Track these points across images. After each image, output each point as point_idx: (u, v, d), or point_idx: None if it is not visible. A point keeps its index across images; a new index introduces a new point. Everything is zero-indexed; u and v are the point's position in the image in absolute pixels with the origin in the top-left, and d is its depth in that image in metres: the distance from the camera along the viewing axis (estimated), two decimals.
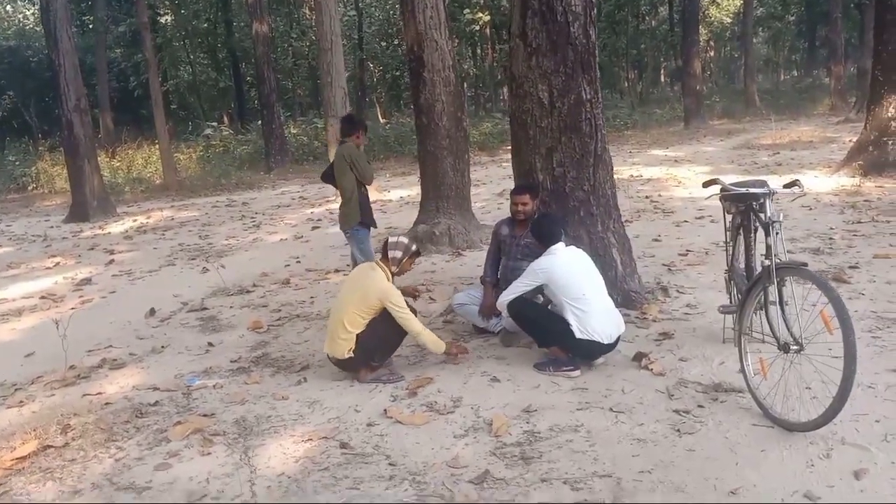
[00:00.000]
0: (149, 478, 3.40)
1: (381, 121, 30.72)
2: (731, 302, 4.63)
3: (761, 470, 3.08)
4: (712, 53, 50.19)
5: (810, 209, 8.72)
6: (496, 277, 5.36)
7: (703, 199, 10.07)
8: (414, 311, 4.43)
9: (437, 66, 8.20)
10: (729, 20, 46.26)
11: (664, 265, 6.68)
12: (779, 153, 15.07)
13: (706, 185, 4.17)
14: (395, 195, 13.95)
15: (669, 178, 12.86)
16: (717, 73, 51.29)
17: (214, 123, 27.60)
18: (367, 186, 6.10)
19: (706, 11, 40.76)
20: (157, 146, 20.20)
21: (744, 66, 32.33)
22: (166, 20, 32.21)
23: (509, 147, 19.27)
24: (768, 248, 3.55)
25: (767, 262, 3.51)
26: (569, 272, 4.16)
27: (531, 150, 5.38)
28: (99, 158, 17.27)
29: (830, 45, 28.68)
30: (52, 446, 3.76)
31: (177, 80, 34.99)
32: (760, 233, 4.16)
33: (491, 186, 13.69)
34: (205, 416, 4.05)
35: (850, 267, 6.06)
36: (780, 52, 52.44)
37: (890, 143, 10.74)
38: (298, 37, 33.81)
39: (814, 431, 3.29)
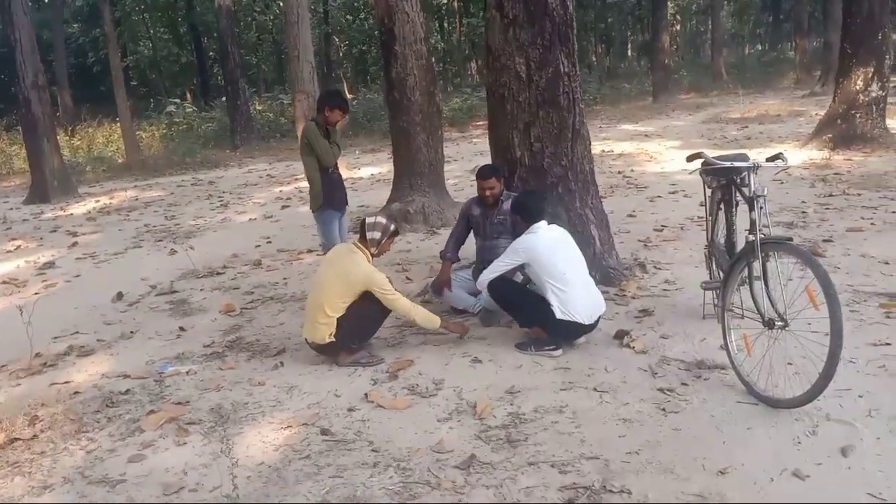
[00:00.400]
0: (122, 470, 3.28)
1: (349, 96, 30.31)
2: (710, 278, 4.61)
3: (748, 448, 3.07)
4: (678, 27, 50.31)
5: (781, 183, 8.77)
6: (456, 256, 5.32)
7: (676, 175, 10.17)
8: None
9: (408, 39, 8.02)
10: None
11: (640, 241, 6.66)
12: (748, 127, 15.16)
13: (690, 158, 4.11)
14: (366, 172, 13.77)
15: (641, 152, 12.86)
16: (684, 47, 51.44)
17: (177, 100, 26.90)
18: (335, 167, 5.77)
19: None
20: (118, 124, 19.68)
21: (711, 39, 32.44)
22: None
23: (480, 123, 19.12)
24: (752, 222, 3.51)
25: (752, 237, 3.47)
26: (551, 251, 4.08)
27: (508, 124, 5.28)
28: (58, 137, 16.78)
29: (795, 18, 28.94)
30: (19, 439, 3.62)
31: (137, 56, 34.16)
32: (741, 207, 4.15)
33: (462, 163, 13.57)
34: (179, 404, 3.93)
35: (825, 241, 6.10)
36: (745, 26, 52.77)
37: (858, 115, 10.85)
38: (262, 10, 33.08)
39: (799, 408, 3.29)
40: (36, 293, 6.73)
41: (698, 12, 49.69)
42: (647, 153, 12.70)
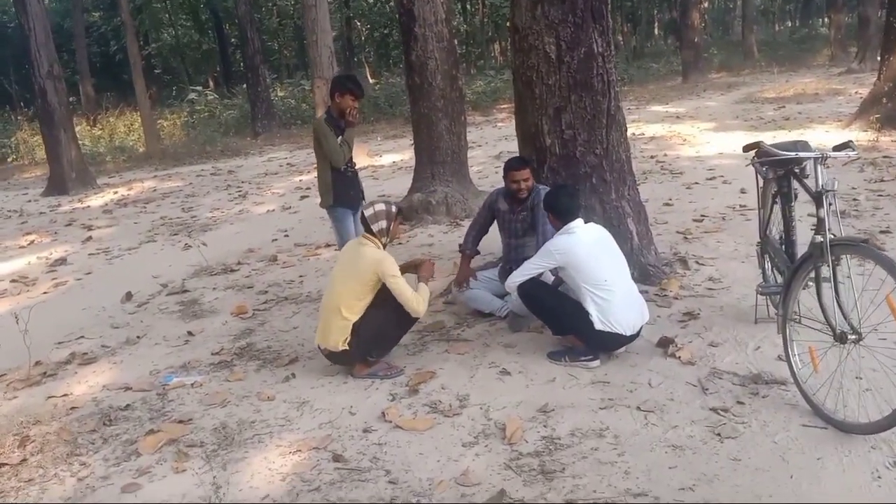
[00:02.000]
0: (115, 501, 2.96)
1: (371, 81, 29.89)
2: (764, 279, 4.17)
3: (820, 483, 2.66)
4: (706, 4, 49.02)
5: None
6: (476, 249, 4.97)
7: (712, 159, 9.67)
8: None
9: (429, 20, 7.60)
10: None
11: (679, 233, 6.20)
12: (784, 107, 14.50)
13: (747, 148, 3.68)
14: (388, 160, 13.38)
15: (673, 135, 12.32)
16: (712, 25, 50.17)
17: (199, 88, 26.72)
18: (350, 163, 5.24)
19: None
20: (139, 113, 19.49)
21: (743, 16, 31.44)
22: None
23: (504, 106, 18.60)
24: (820, 220, 3.08)
25: (820, 238, 3.04)
26: (589, 254, 3.66)
27: (537, 110, 4.86)
28: (80, 127, 16.68)
29: None
30: (6, 464, 3.32)
31: (159, 44, 33.94)
32: (800, 201, 3.73)
33: (487, 148, 13.14)
34: (180, 422, 3.60)
35: (882, 232, 5.61)
36: (775, 2, 51.31)
37: None
38: None
39: (874, 435, 2.87)
40: (45, 292, 6.48)
41: None
42: (680, 136, 12.15)
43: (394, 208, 4.05)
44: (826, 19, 47.99)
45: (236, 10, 21.62)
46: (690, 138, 11.83)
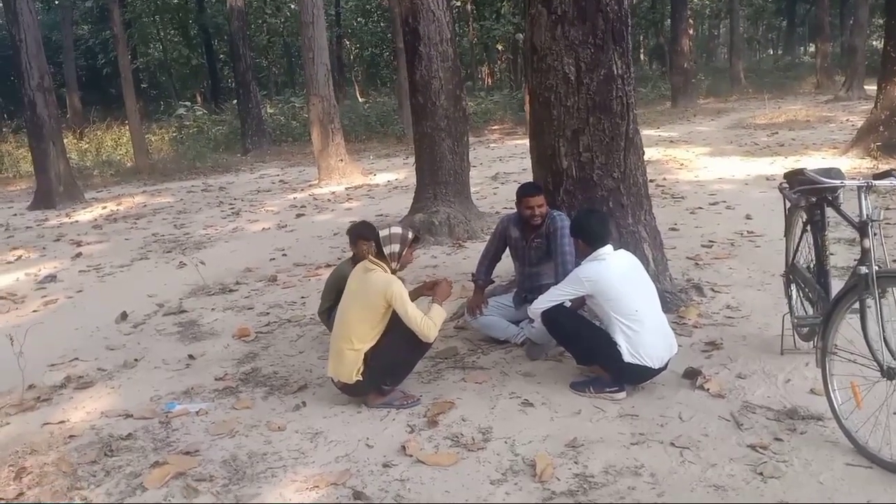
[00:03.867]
0: None
1: (360, 100, 29.85)
2: (790, 308, 4.06)
3: None
4: (692, 31, 49.58)
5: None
6: (489, 279, 4.85)
7: (712, 184, 9.63)
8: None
9: (433, 39, 7.51)
10: None
11: (689, 258, 6.12)
12: (777, 133, 14.57)
13: (789, 175, 3.58)
14: (382, 179, 13.24)
15: (670, 159, 12.30)
16: (697, 51, 50.78)
17: (187, 103, 26.49)
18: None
19: None
20: (127, 127, 19.23)
21: (730, 43, 31.79)
22: None
23: (496, 127, 18.59)
24: (865, 251, 2.98)
25: (864, 270, 2.93)
26: (621, 284, 3.52)
27: (555, 132, 4.75)
28: (66, 140, 16.37)
29: (817, 21, 28.29)
30: (2, 499, 3.10)
31: (147, 58, 33.77)
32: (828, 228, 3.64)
33: (482, 169, 13.04)
34: (187, 454, 3.40)
35: (894, 261, 5.52)
36: (758, 31, 52.03)
37: None
38: (273, 13, 32.62)
39: None
40: (35, 310, 6.25)
41: (711, 16, 49.10)
42: (677, 160, 12.14)
43: (410, 234, 3.88)
44: (808, 48, 48.88)
45: (228, 26, 21.51)
46: (687, 163, 11.82)
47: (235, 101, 22.18)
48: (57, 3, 28.70)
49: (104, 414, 3.97)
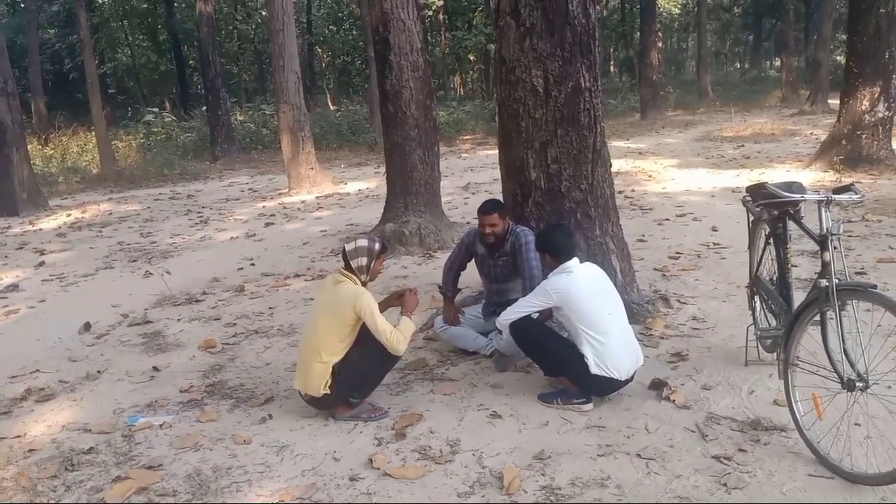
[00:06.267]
0: None
1: (332, 108, 29.78)
2: (754, 321, 4.12)
3: None
4: (661, 44, 50.29)
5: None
6: (457, 290, 4.85)
7: (679, 195, 9.76)
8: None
9: (404, 48, 7.52)
10: (678, 11, 46.40)
11: (656, 270, 6.18)
12: (743, 146, 14.82)
13: (752, 189, 3.64)
14: (353, 188, 13.20)
15: (638, 171, 12.45)
16: (666, 64, 51.55)
17: (156, 109, 26.19)
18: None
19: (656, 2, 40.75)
20: (93, 133, 18.95)
21: (698, 57, 32.29)
22: None
23: (467, 137, 18.65)
24: (825, 264, 3.03)
25: (825, 283, 2.98)
26: (588, 296, 3.54)
27: (523, 144, 4.77)
28: (31, 146, 16.07)
29: (782, 36, 28.90)
30: None
31: (115, 63, 33.30)
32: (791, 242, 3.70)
33: (454, 179, 13.07)
34: (150, 468, 3.34)
35: (857, 273, 5.65)
36: (725, 45, 52.97)
37: (864, 136, 10.51)
38: (244, 19, 32.46)
39: (883, 486, 2.79)
40: None
41: (680, 30, 49.92)
42: (645, 172, 12.28)
43: (377, 245, 3.85)
44: (774, 62, 49.86)
45: (198, 32, 21.31)
46: (655, 174, 11.96)
47: (205, 108, 21.97)
48: (22, 6, 28.27)
49: (65, 427, 3.88)
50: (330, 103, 32.59)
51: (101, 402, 4.21)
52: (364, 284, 3.77)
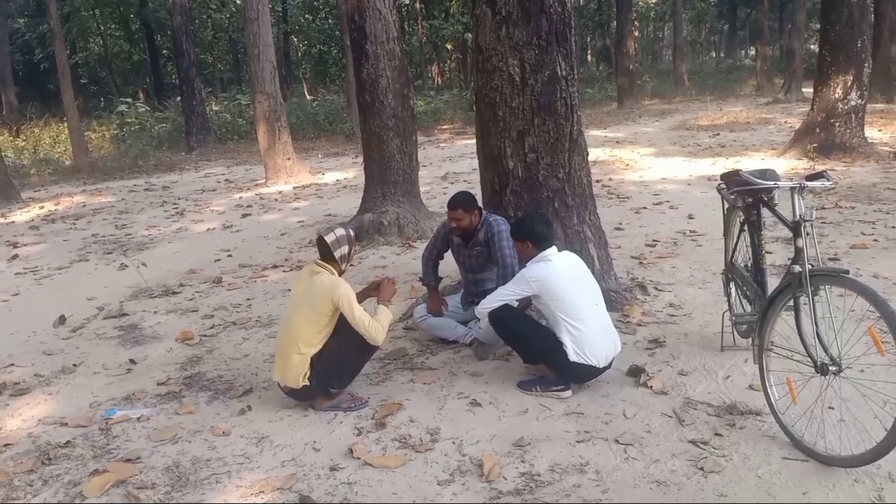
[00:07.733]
0: None
1: (308, 97, 29.57)
2: (730, 307, 4.17)
3: None
4: (637, 34, 50.47)
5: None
6: (438, 279, 4.86)
7: (656, 184, 9.83)
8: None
9: (380, 37, 7.48)
10: (654, 0, 46.56)
11: (633, 258, 6.22)
12: (719, 134, 14.94)
13: (726, 177, 3.68)
14: (331, 178, 13.14)
15: (616, 160, 12.50)
16: (642, 53, 51.77)
17: (129, 100, 25.83)
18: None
19: None
20: (65, 124, 18.65)
21: (674, 46, 32.43)
22: None
23: (445, 127, 18.58)
24: (798, 250, 3.08)
25: (798, 269, 3.02)
26: (567, 284, 3.57)
27: (500, 133, 4.77)
28: (1, 137, 15.79)
29: (757, 25, 29.11)
30: None
31: (87, 53, 32.82)
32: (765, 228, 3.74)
33: (432, 169, 13.05)
34: (128, 461, 3.32)
35: (830, 259, 5.73)
36: (701, 34, 53.25)
37: (837, 124, 10.62)
38: (218, 8, 32.09)
39: (857, 468, 2.85)
40: None
41: (656, 18, 50.12)
42: (623, 161, 12.34)
43: (352, 233, 3.86)
44: (749, 51, 50.24)
45: (171, 22, 21.03)
46: (632, 163, 12.03)
47: (179, 98, 21.71)
48: None
49: (41, 421, 3.85)
50: (306, 93, 32.39)
51: (77, 396, 4.17)
52: (341, 273, 3.76)
